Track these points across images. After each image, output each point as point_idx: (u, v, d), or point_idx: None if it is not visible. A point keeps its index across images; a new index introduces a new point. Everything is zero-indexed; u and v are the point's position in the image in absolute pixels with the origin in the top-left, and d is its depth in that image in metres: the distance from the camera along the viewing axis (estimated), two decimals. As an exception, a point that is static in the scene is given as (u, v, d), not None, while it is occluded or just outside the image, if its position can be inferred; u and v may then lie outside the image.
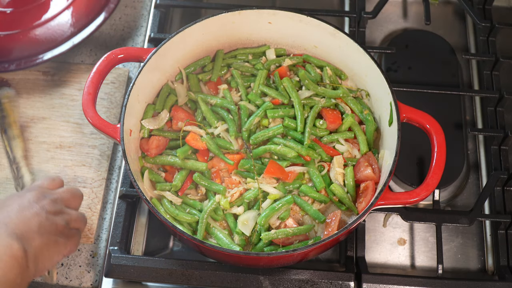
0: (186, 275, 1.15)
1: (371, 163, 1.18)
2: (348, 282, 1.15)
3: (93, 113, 1.13)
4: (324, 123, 1.23)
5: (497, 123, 1.38)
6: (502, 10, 1.60)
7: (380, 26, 1.61)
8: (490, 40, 1.49)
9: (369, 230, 1.32)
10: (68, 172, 1.32)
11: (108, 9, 1.44)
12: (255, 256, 1.06)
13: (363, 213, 1.04)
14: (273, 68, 1.32)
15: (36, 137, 1.36)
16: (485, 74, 1.45)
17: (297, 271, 1.16)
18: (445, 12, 1.63)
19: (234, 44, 1.35)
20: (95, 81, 1.16)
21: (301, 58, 1.33)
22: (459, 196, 1.37)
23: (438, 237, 1.22)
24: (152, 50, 1.20)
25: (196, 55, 1.32)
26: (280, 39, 1.34)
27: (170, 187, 1.18)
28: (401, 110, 1.14)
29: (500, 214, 1.28)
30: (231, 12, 1.25)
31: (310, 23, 1.26)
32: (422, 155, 1.36)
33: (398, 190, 1.35)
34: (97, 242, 1.28)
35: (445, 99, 1.41)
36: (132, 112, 1.17)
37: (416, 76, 1.48)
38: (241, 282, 1.14)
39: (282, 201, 1.14)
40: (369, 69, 1.21)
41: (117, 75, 1.44)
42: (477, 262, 1.30)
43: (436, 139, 1.11)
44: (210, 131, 1.23)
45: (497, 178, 1.29)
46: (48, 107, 1.40)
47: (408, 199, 1.08)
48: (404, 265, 1.29)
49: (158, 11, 1.49)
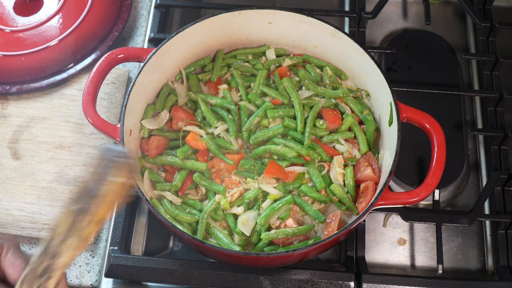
0: (186, 275, 1.15)
1: (371, 163, 1.18)
2: (348, 282, 1.15)
3: (93, 113, 1.13)
4: (324, 123, 1.23)
5: (497, 123, 1.38)
6: (502, 10, 1.60)
7: (380, 26, 1.61)
8: (490, 40, 1.49)
9: (369, 230, 1.32)
10: (68, 172, 1.32)
11: (112, 37, 1.46)
12: (255, 256, 1.06)
13: (363, 213, 1.04)
14: (273, 68, 1.32)
15: (36, 137, 1.36)
16: (485, 74, 1.45)
17: (297, 271, 1.16)
18: (445, 12, 1.63)
19: (234, 44, 1.35)
20: (95, 81, 1.16)
21: (301, 58, 1.33)
22: (459, 196, 1.37)
23: (438, 237, 1.22)
24: (152, 50, 1.20)
25: (196, 55, 1.32)
26: (280, 39, 1.34)
27: (170, 187, 1.18)
28: (401, 110, 1.14)
29: (500, 214, 1.28)
30: (231, 12, 1.25)
31: (310, 23, 1.26)
32: (422, 155, 1.36)
33: (398, 190, 1.35)
34: (97, 242, 1.28)
35: (445, 99, 1.41)
36: (132, 112, 1.17)
37: (416, 76, 1.48)
38: (241, 282, 1.14)
39: (282, 201, 1.14)
40: (369, 69, 1.21)
41: (117, 75, 1.44)
42: (477, 262, 1.30)
43: (436, 139, 1.11)
44: (210, 131, 1.23)
45: (497, 178, 1.29)
46: (48, 107, 1.40)
47: (408, 199, 1.08)
48: (404, 265, 1.29)
49: (158, 11, 1.49)
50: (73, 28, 1.43)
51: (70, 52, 1.42)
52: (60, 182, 1.31)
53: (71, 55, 1.42)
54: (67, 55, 1.41)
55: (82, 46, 1.43)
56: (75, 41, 1.42)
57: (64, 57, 1.41)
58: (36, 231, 1.25)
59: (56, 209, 1.28)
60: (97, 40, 1.44)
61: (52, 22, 1.44)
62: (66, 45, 1.42)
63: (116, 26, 1.48)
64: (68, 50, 1.42)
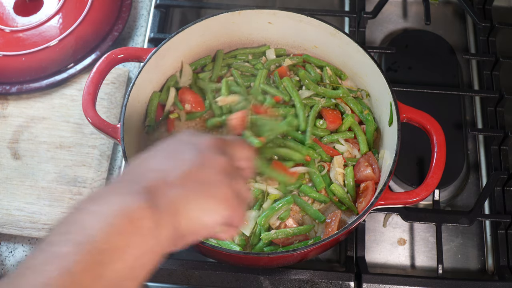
0: (186, 275, 1.15)
1: (371, 163, 1.18)
2: (348, 282, 1.15)
3: (93, 113, 1.13)
4: (324, 123, 1.23)
5: (497, 123, 1.38)
6: (502, 10, 1.60)
7: (380, 26, 1.61)
8: (490, 40, 1.49)
9: (369, 230, 1.32)
10: (68, 172, 1.32)
11: (112, 37, 1.46)
12: (255, 256, 1.06)
13: (363, 213, 1.04)
14: (273, 68, 1.32)
15: (36, 137, 1.36)
16: (485, 74, 1.45)
17: (297, 271, 1.16)
18: (445, 12, 1.63)
19: (234, 44, 1.35)
20: (95, 81, 1.16)
21: (301, 58, 1.33)
22: (459, 196, 1.36)
23: (438, 237, 1.22)
24: (152, 50, 1.20)
25: (196, 55, 1.32)
26: (280, 39, 1.34)
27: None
28: (401, 110, 1.14)
29: (500, 214, 1.28)
30: (231, 12, 1.25)
31: (310, 23, 1.26)
32: (422, 155, 1.36)
33: (398, 190, 1.35)
34: (97, 242, 1.28)
35: (445, 99, 1.41)
36: (132, 112, 1.17)
37: (416, 76, 1.48)
38: (241, 282, 1.14)
39: (283, 201, 1.13)
40: (369, 69, 1.21)
41: (117, 75, 1.44)
42: (477, 262, 1.30)
43: (436, 139, 1.11)
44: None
45: (497, 178, 1.29)
46: (48, 107, 1.40)
47: (408, 199, 1.08)
48: (404, 265, 1.29)
49: (158, 11, 1.49)
50: (73, 28, 1.43)
51: (70, 52, 1.42)
52: (60, 182, 1.31)
53: (71, 55, 1.42)
54: (67, 55, 1.41)
55: (82, 46, 1.43)
56: (75, 41, 1.42)
57: (64, 57, 1.41)
58: (36, 231, 1.25)
59: (56, 209, 1.28)
60: (97, 40, 1.44)
61: (52, 22, 1.44)
62: (66, 45, 1.42)
63: (116, 26, 1.48)
64: (68, 50, 1.42)
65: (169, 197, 0.69)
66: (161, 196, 0.68)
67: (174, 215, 0.69)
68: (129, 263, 0.63)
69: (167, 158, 0.75)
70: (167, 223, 0.67)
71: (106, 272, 0.61)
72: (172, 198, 0.69)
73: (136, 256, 0.64)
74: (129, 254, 0.63)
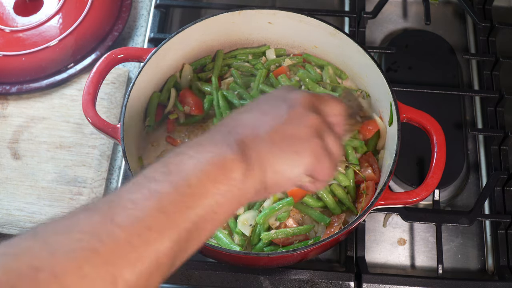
0: (186, 275, 1.15)
1: (371, 163, 1.18)
2: (348, 282, 1.15)
3: (93, 113, 1.13)
4: (324, 123, 1.23)
5: (497, 123, 1.38)
6: (502, 10, 1.60)
7: (380, 26, 1.61)
8: (490, 40, 1.49)
9: (369, 230, 1.31)
10: (68, 172, 1.32)
11: (112, 37, 1.46)
12: (255, 256, 1.06)
13: (363, 213, 1.04)
14: (273, 68, 1.32)
15: (36, 137, 1.36)
16: (485, 74, 1.45)
17: (297, 271, 1.16)
18: (445, 12, 1.63)
19: (234, 44, 1.35)
20: (95, 81, 1.16)
21: (301, 58, 1.33)
22: (459, 196, 1.36)
23: (438, 237, 1.22)
24: (152, 50, 1.20)
25: (196, 55, 1.32)
26: (280, 39, 1.34)
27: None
28: (401, 110, 1.14)
29: (500, 214, 1.27)
30: (231, 12, 1.25)
31: (310, 23, 1.26)
32: (422, 155, 1.36)
33: (398, 190, 1.34)
34: (97, 242, 1.28)
35: (445, 99, 1.41)
36: (132, 112, 1.17)
37: (416, 76, 1.48)
38: (241, 282, 1.14)
39: (283, 202, 1.13)
40: (369, 69, 1.21)
41: (117, 75, 1.44)
42: (477, 262, 1.30)
43: (436, 139, 1.11)
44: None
45: (497, 178, 1.29)
46: (48, 107, 1.40)
47: (408, 199, 1.08)
48: (404, 265, 1.29)
49: (158, 11, 1.49)
50: (73, 28, 1.43)
51: (70, 52, 1.42)
52: (60, 182, 1.31)
53: (71, 55, 1.42)
54: (67, 55, 1.41)
55: (82, 46, 1.43)
56: (75, 41, 1.42)
57: (64, 57, 1.41)
58: (36, 231, 1.25)
59: (56, 209, 1.28)
60: (97, 40, 1.44)
61: (52, 22, 1.44)
62: (66, 45, 1.42)
63: (116, 26, 1.48)
64: (68, 50, 1.42)
65: (258, 152, 0.73)
66: (252, 150, 0.73)
67: (261, 169, 0.73)
68: (213, 208, 0.68)
69: (260, 113, 0.79)
70: (254, 176, 0.72)
71: (191, 215, 0.66)
72: (260, 152, 0.74)
73: (220, 203, 0.69)
74: (215, 201, 0.68)
